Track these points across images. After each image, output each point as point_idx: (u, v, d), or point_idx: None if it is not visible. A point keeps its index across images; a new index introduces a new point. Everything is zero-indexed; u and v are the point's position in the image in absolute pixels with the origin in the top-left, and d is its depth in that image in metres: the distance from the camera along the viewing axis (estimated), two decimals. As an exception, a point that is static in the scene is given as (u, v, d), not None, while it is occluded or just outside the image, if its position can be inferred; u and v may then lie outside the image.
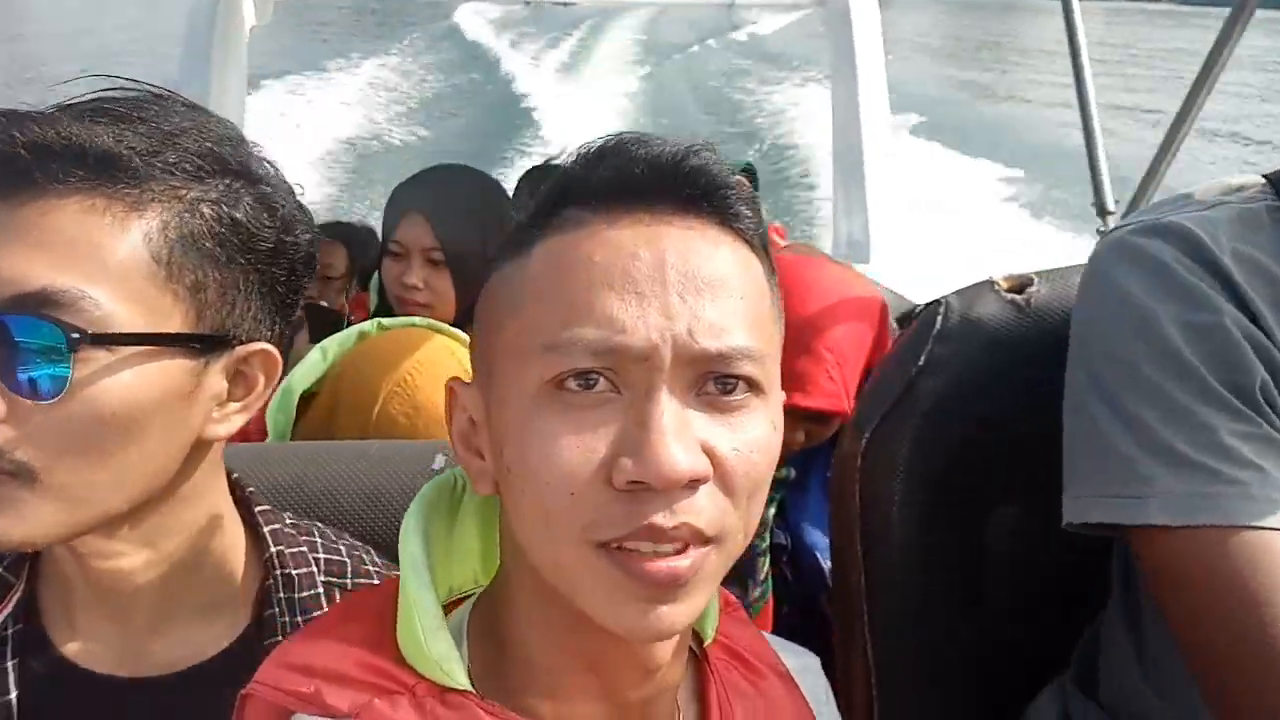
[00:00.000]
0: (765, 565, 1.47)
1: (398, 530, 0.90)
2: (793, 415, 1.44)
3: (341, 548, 0.83)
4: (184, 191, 0.67)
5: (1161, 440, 0.72)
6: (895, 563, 0.95)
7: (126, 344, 0.64)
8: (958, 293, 0.97)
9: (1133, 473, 0.73)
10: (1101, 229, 1.92)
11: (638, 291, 0.54)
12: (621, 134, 0.61)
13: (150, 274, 0.65)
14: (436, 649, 0.58)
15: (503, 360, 0.59)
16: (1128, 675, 0.86)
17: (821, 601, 1.50)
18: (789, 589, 1.56)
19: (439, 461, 0.94)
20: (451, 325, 1.59)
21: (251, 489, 0.82)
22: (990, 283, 0.97)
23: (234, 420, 0.72)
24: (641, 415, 0.53)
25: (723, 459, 0.55)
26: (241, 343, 0.70)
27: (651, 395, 0.54)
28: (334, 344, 1.24)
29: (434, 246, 1.54)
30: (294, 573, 0.78)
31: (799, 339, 1.41)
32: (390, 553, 0.88)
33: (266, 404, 1.17)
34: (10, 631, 0.72)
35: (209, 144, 0.70)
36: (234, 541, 0.78)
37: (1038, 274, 0.97)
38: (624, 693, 0.61)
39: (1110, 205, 1.90)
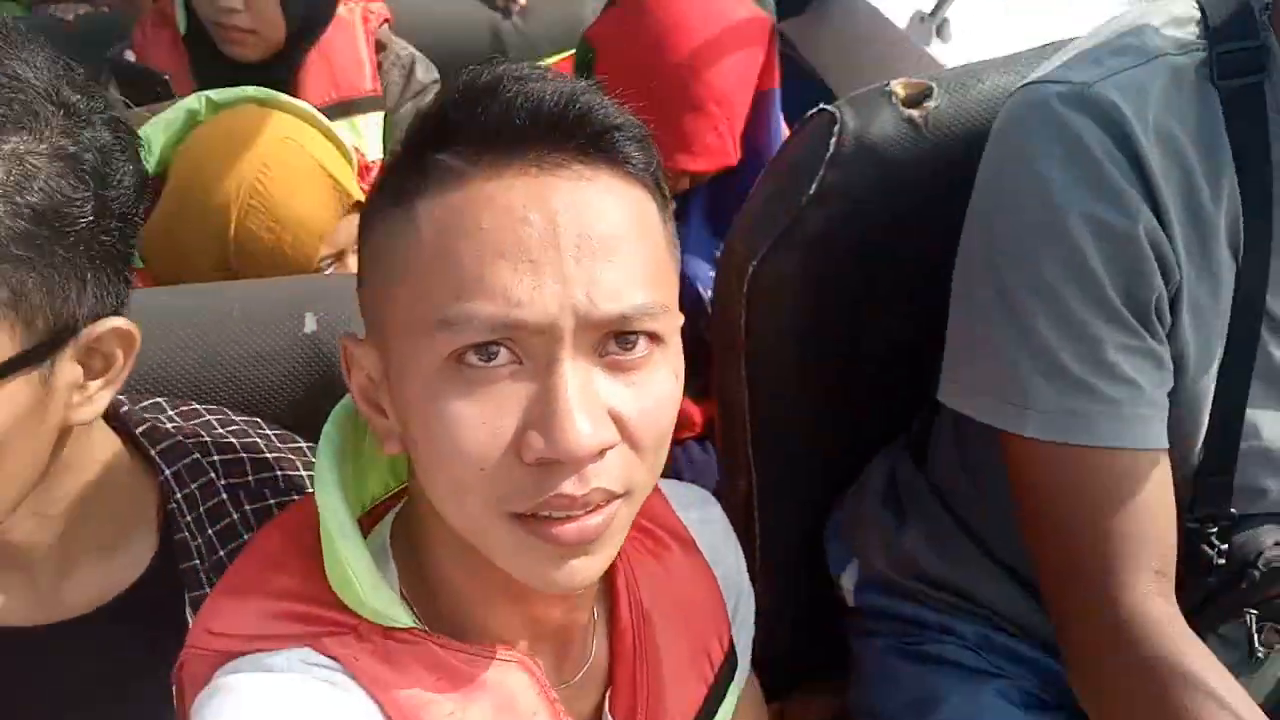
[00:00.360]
0: None
1: (279, 394, 0.89)
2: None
3: (233, 440, 0.80)
4: None
5: (1049, 350, 0.74)
6: (777, 384, 1.00)
7: None
8: (852, 104, 0.91)
9: (1015, 380, 0.76)
10: None
11: (531, 259, 0.53)
12: (496, 66, 0.56)
13: None
14: (377, 602, 0.60)
15: (397, 333, 0.57)
16: (950, 458, 0.96)
17: (701, 328, 1.56)
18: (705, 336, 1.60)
19: (309, 324, 0.88)
20: (283, 50, 1.39)
21: (125, 407, 0.76)
22: (888, 93, 0.92)
23: (100, 398, 0.65)
24: (546, 389, 0.54)
25: (629, 420, 0.56)
26: (87, 324, 0.62)
27: (554, 367, 0.54)
28: (159, 130, 1.06)
29: None
30: (193, 488, 0.76)
31: (683, 92, 1.32)
32: (275, 417, 0.87)
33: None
34: None
35: None
36: (124, 477, 0.74)
37: (937, 81, 0.92)
38: (549, 615, 0.66)
39: None
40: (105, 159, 0.60)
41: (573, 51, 1.54)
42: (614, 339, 0.55)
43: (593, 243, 0.54)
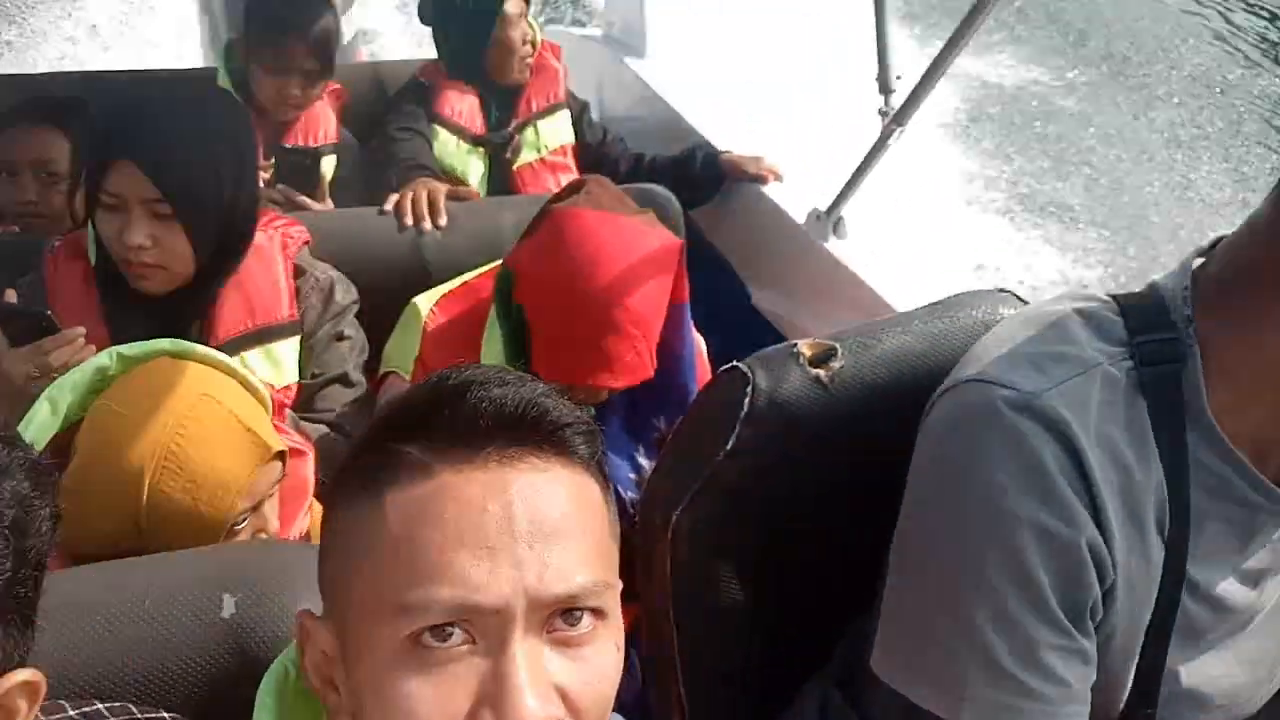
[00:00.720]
0: None
1: (191, 683, 0.85)
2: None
3: None
4: None
5: (987, 645, 0.77)
6: (702, 617, 1.01)
7: None
8: (762, 363, 0.97)
9: (951, 668, 0.79)
10: (883, 109, 1.90)
11: (489, 546, 0.59)
12: (464, 370, 0.64)
13: None
14: None
15: (356, 613, 0.61)
16: (884, 700, 0.98)
17: (623, 529, 1.57)
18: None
19: (228, 608, 0.86)
20: (191, 282, 1.40)
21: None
22: (796, 353, 0.97)
23: None
24: (498, 669, 0.58)
25: (574, 696, 0.60)
26: None
27: (505, 648, 0.58)
28: (65, 390, 1.04)
29: (156, 198, 1.30)
30: None
31: (603, 317, 1.37)
32: (183, 707, 0.83)
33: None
34: None
35: None
36: None
37: (840, 341, 0.98)
38: None
39: (893, 82, 1.88)
40: (24, 509, 0.59)
41: (493, 265, 1.59)
42: (561, 615, 0.61)
43: (544, 528, 0.60)
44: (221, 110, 1.42)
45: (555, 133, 2.44)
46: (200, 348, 1.11)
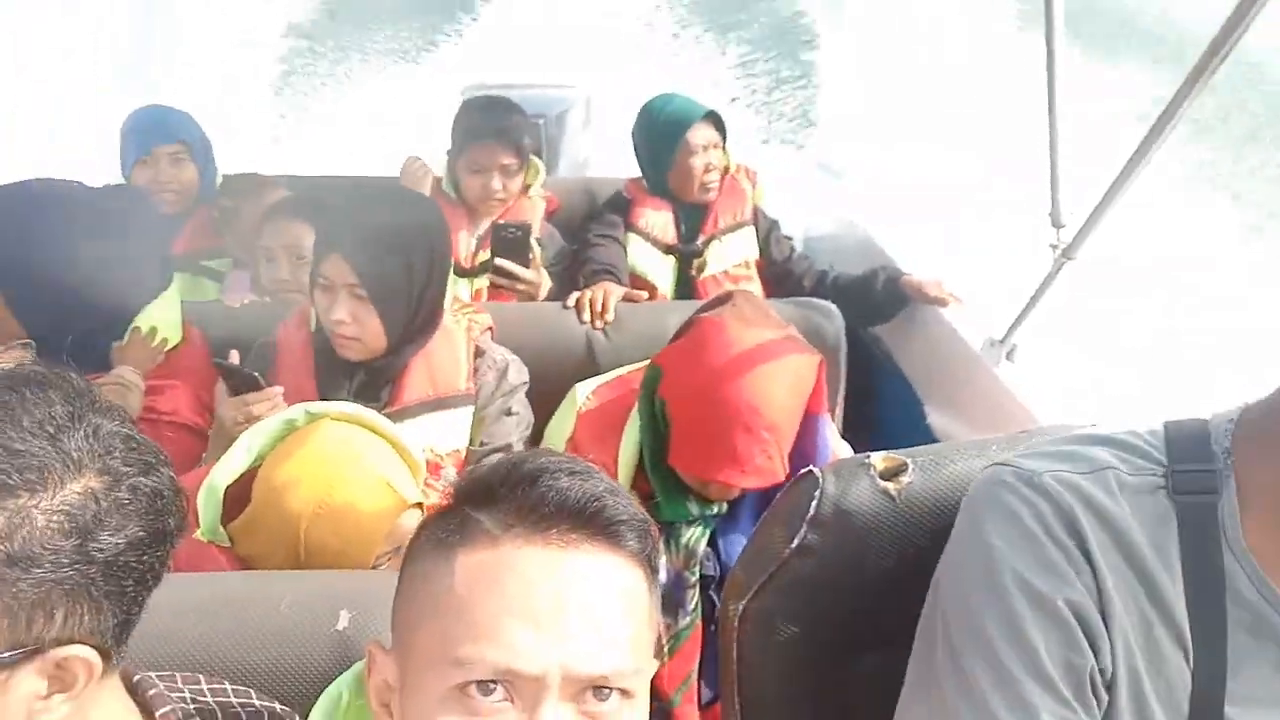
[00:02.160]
0: (695, 596, 1.57)
1: (303, 680, 1.01)
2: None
3: None
4: None
5: (988, 707, 0.79)
6: (765, 706, 1.06)
7: None
8: (835, 471, 1.02)
9: (954, 718, 0.81)
10: (1054, 243, 1.91)
11: (536, 620, 0.67)
12: (537, 459, 0.74)
13: None
14: None
15: (416, 656, 0.71)
16: None
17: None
18: (716, 614, 1.67)
19: (343, 621, 1.02)
20: (384, 355, 1.64)
21: (153, 689, 0.88)
22: (867, 464, 1.02)
23: (59, 710, 0.74)
24: None
25: None
26: (51, 649, 0.71)
27: (538, 710, 0.67)
28: (259, 436, 1.26)
29: (356, 283, 1.55)
30: None
31: (736, 417, 1.46)
32: (294, 700, 0.97)
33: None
34: None
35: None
36: None
37: (912, 458, 1.02)
38: None
39: (1064, 217, 1.89)
40: (102, 519, 0.72)
41: (646, 363, 1.72)
42: (592, 690, 0.69)
43: (588, 613, 0.69)
44: (420, 213, 1.66)
45: (739, 248, 2.59)
46: (369, 413, 1.31)
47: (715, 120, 2.55)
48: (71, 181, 1.81)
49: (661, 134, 2.53)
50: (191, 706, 0.90)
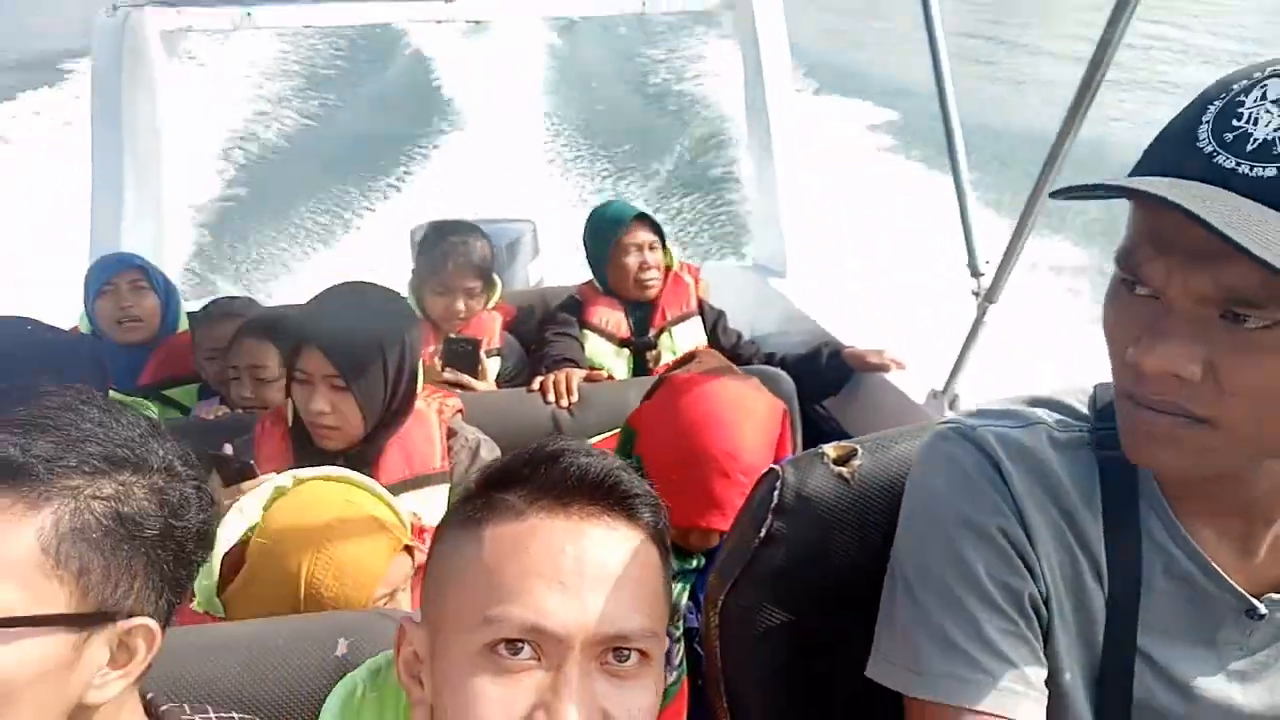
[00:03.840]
0: (680, 650, 1.60)
1: (306, 705, 1.04)
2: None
3: None
4: (80, 488, 0.78)
5: (938, 625, 0.86)
6: (749, 691, 1.11)
7: (21, 629, 0.74)
8: (793, 464, 1.12)
9: (912, 650, 0.88)
10: (975, 290, 2.07)
11: (561, 581, 0.74)
12: (556, 442, 0.81)
13: (38, 563, 0.75)
14: None
15: (447, 624, 0.76)
16: None
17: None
18: (702, 666, 1.71)
19: (341, 648, 1.07)
20: (361, 441, 1.71)
21: (166, 707, 0.92)
22: (821, 454, 1.12)
23: (113, 686, 0.81)
24: (555, 685, 0.72)
25: (614, 717, 0.74)
26: (125, 617, 0.80)
27: (563, 668, 0.72)
28: (252, 500, 1.33)
29: (334, 374, 1.64)
30: None
31: (714, 465, 1.55)
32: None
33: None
34: None
35: (112, 445, 0.80)
36: None
37: (861, 444, 1.12)
38: None
39: (981, 266, 2.06)
40: (183, 504, 0.84)
41: (615, 431, 1.81)
42: (612, 652, 0.75)
43: (608, 576, 0.75)
44: (390, 310, 1.78)
45: (688, 337, 2.75)
46: (354, 474, 1.38)
47: (648, 221, 2.74)
48: (25, 319, 1.91)
49: (600, 234, 2.71)
50: None
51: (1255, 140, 0.69)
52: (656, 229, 2.74)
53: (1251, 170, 0.69)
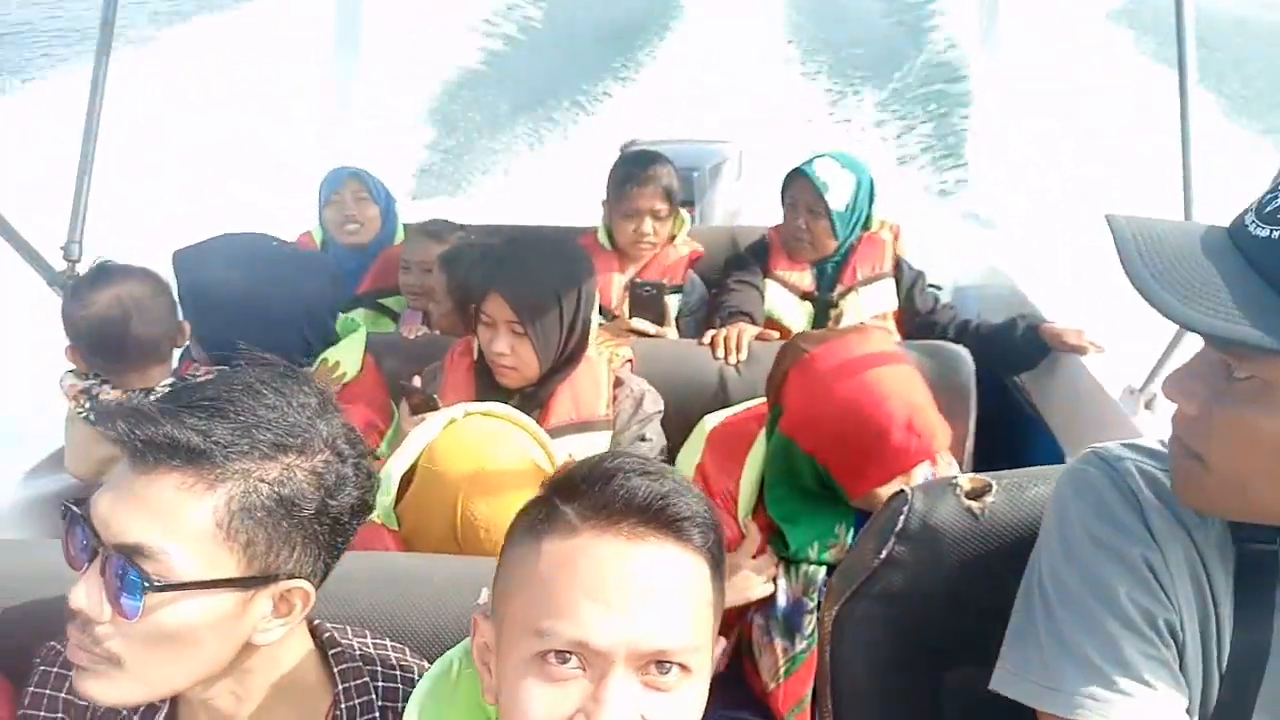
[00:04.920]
0: (812, 622, 1.64)
1: (450, 643, 1.17)
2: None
3: (398, 674, 1.09)
4: (250, 471, 0.90)
5: (1076, 644, 0.88)
6: (853, 705, 1.14)
7: (183, 589, 0.89)
8: (923, 489, 1.11)
9: (1049, 666, 0.89)
10: None
11: (606, 601, 0.79)
12: (614, 460, 0.85)
13: (213, 535, 0.89)
14: None
15: (508, 625, 0.84)
16: None
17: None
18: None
19: (484, 596, 1.18)
20: (536, 383, 1.83)
21: (328, 632, 1.07)
22: (954, 484, 1.11)
23: (275, 632, 0.96)
24: (597, 692, 0.79)
25: None
26: (284, 579, 0.94)
27: (606, 679, 0.78)
28: (427, 430, 1.46)
29: (514, 320, 1.76)
30: (356, 703, 1.05)
31: (878, 417, 1.52)
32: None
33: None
34: None
35: (282, 432, 0.92)
36: (311, 678, 1.04)
37: (997, 480, 1.10)
38: None
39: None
40: (339, 484, 0.95)
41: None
42: (655, 664, 0.80)
43: (651, 595, 0.80)
44: (570, 259, 1.86)
45: (877, 300, 2.65)
46: (517, 413, 1.51)
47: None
48: (271, 237, 2.14)
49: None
50: (358, 654, 1.08)
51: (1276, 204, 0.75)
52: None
53: (1258, 230, 0.75)
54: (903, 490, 1.13)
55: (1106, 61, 8.32)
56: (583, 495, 0.83)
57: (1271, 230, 0.73)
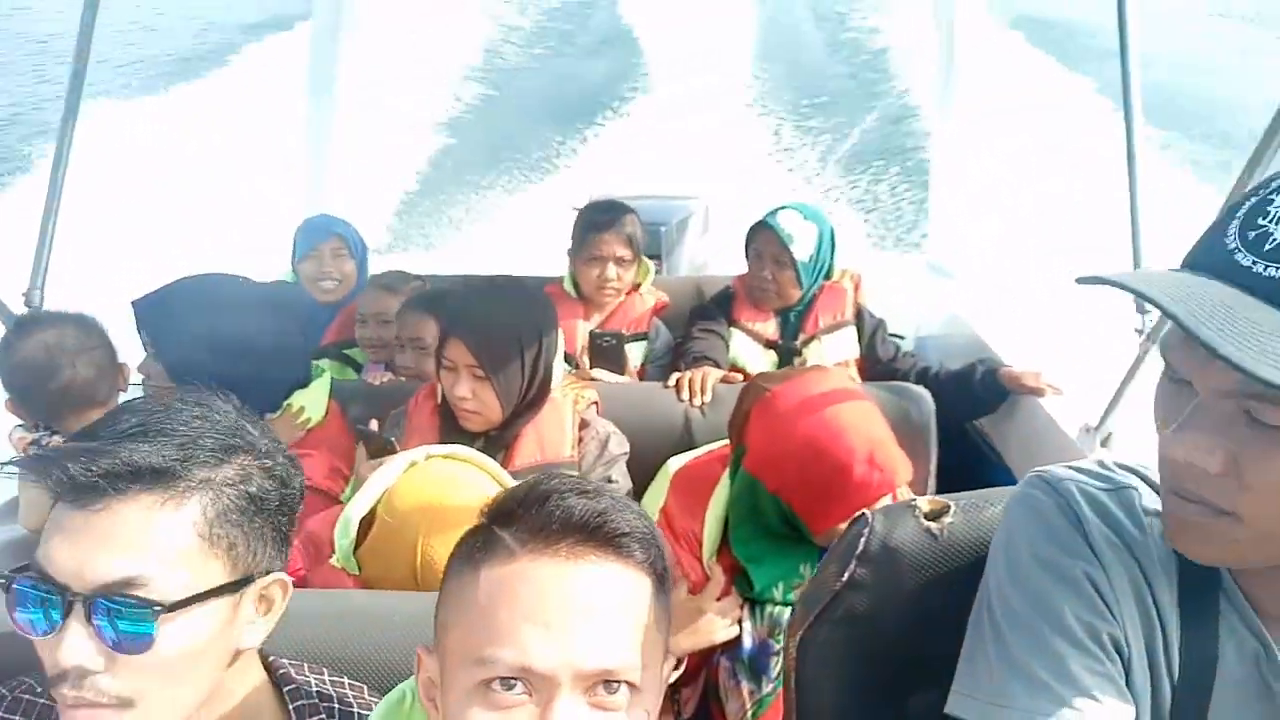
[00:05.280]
0: (778, 663, 1.63)
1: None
2: None
3: (355, 711, 1.07)
4: (211, 477, 0.91)
5: (1024, 663, 0.88)
6: None
7: (189, 604, 0.89)
8: (883, 512, 1.12)
9: (998, 685, 0.90)
10: (1139, 327, 1.95)
11: (547, 623, 0.78)
12: (552, 480, 0.84)
13: (199, 548, 0.90)
14: None
15: (450, 657, 0.83)
16: None
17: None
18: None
19: None
20: (499, 426, 1.83)
21: (283, 669, 1.06)
22: (913, 506, 1.12)
23: (260, 630, 0.98)
24: (545, 718, 0.77)
25: None
26: (263, 575, 0.96)
27: (552, 705, 0.77)
28: (387, 473, 1.46)
29: (475, 364, 1.76)
30: None
31: (840, 453, 1.54)
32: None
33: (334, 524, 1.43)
34: None
35: (219, 435, 0.94)
36: (268, 712, 1.03)
37: (955, 501, 1.11)
38: None
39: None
40: (286, 474, 0.98)
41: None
42: (602, 685, 0.79)
43: (592, 614, 0.79)
44: (530, 303, 1.88)
45: (839, 348, 2.69)
46: (479, 455, 1.50)
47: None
48: (239, 277, 2.13)
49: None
50: (314, 690, 1.06)
51: (1274, 240, 0.71)
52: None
53: (1265, 270, 0.70)
54: (863, 513, 1.14)
55: (1064, 110, 8.63)
56: (519, 519, 0.82)
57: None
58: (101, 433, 0.91)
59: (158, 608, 0.87)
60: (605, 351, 2.52)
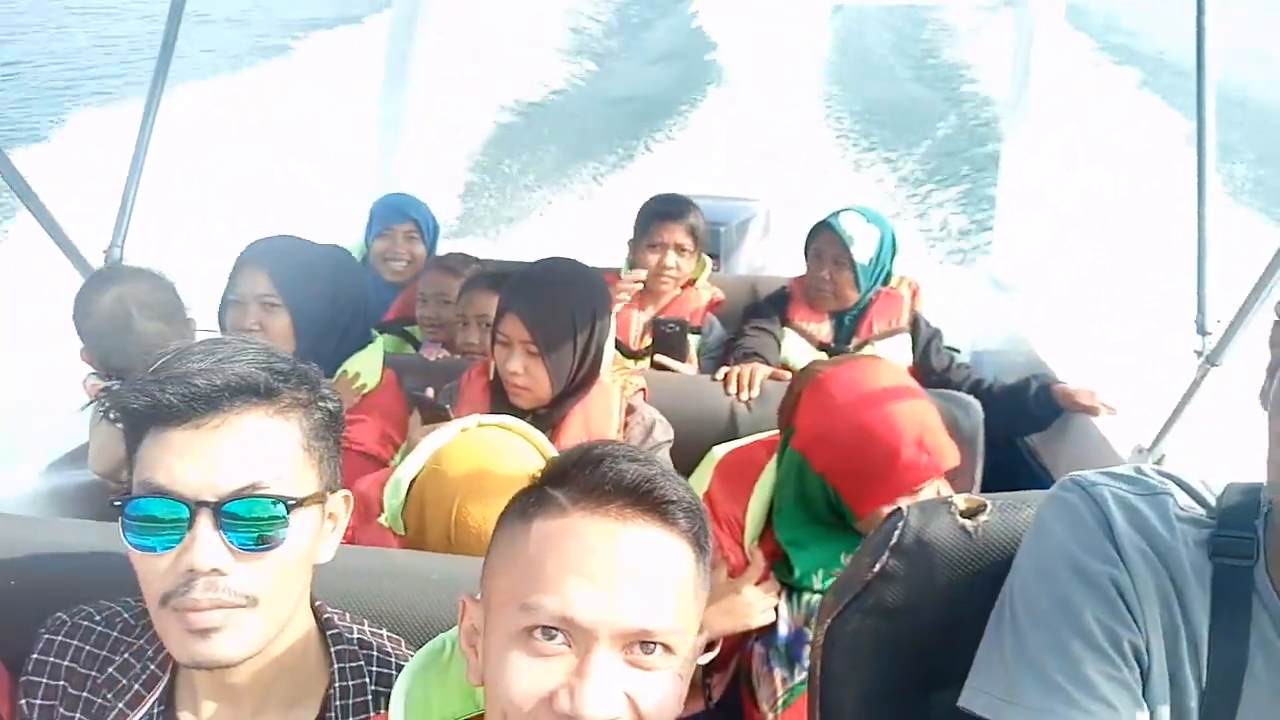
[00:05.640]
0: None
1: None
2: None
3: (393, 660, 1.12)
4: (300, 396, 1.01)
5: (1039, 662, 0.88)
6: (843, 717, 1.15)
7: (308, 504, 0.99)
8: (919, 507, 1.13)
9: (1010, 682, 0.91)
10: (1199, 349, 1.93)
11: (592, 577, 0.81)
12: (604, 447, 0.87)
13: (303, 459, 1.00)
14: None
15: (495, 602, 0.86)
16: None
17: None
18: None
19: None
20: (548, 404, 1.87)
21: (328, 614, 1.11)
22: (950, 502, 1.12)
23: (332, 543, 1.06)
24: (581, 668, 0.80)
25: (639, 707, 0.81)
26: (337, 488, 1.05)
27: (588, 656, 0.80)
28: (438, 439, 1.50)
29: (529, 340, 1.80)
30: (350, 684, 1.08)
31: (887, 435, 1.56)
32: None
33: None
34: (155, 712, 1.04)
35: (295, 364, 1.03)
36: (313, 658, 1.08)
37: (992, 499, 1.12)
38: None
39: (1210, 324, 1.90)
40: (336, 406, 1.06)
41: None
42: (639, 644, 0.82)
43: (635, 575, 0.82)
44: (587, 285, 1.91)
45: (892, 354, 2.66)
46: (528, 426, 1.54)
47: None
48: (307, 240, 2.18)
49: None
50: (355, 638, 1.11)
51: None
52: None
53: None
54: (899, 506, 1.15)
55: (1136, 131, 8.44)
56: (573, 479, 0.85)
57: None
58: (181, 366, 0.97)
59: (291, 501, 0.96)
60: (669, 338, 2.55)
